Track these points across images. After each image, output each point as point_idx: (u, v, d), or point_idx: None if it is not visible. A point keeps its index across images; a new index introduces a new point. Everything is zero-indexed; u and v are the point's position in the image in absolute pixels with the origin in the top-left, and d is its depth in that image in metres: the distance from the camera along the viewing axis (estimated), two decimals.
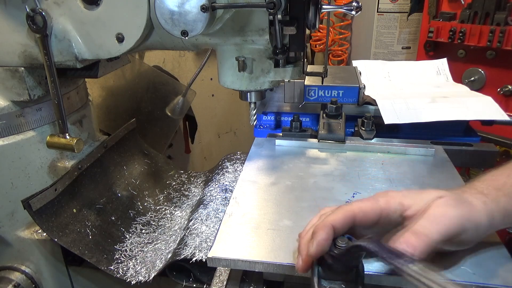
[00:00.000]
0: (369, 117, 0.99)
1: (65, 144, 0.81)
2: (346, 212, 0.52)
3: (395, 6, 2.06)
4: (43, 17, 0.71)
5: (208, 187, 0.97)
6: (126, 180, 1.05)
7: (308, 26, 0.73)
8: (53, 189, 0.81)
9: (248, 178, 0.82)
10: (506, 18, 1.54)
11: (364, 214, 0.52)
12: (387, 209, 0.53)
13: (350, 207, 0.53)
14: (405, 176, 0.81)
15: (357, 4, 0.75)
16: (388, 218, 0.53)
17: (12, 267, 0.88)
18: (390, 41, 2.13)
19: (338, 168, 0.85)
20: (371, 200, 0.54)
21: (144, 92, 1.64)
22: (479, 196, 0.54)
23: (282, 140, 0.96)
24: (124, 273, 0.80)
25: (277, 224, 0.66)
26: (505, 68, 1.65)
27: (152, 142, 1.42)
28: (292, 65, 0.79)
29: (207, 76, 2.22)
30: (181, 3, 0.62)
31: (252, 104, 0.86)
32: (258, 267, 0.58)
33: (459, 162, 0.93)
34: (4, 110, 0.80)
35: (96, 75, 0.88)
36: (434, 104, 1.03)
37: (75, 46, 0.76)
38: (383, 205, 0.53)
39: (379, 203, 0.53)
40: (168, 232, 0.93)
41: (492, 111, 1.00)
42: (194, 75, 1.48)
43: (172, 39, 0.76)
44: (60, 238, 0.79)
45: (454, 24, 1.69)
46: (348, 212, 0.52)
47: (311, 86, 1.08)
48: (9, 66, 0.79)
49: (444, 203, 0.51)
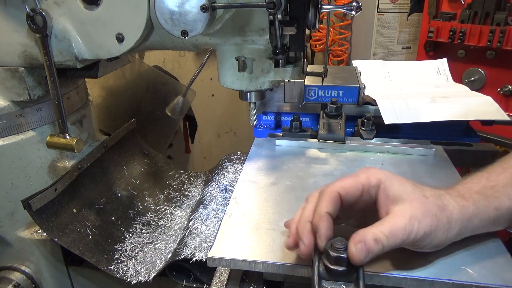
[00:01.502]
0: (369, 117, 0.99)
1: (65, 144, 0.81)
2: (332, 194, 0.54)
3: (395, 6, 2.06)
4: (43, 17, 0.71)
5: (208, 187, 0.97)
6: (126, 180, 1.05)
7: (308, 26, 0.73)
8: (53, 189, 0.81)
9: (248, 178, 0.81)
10: (506, 18, 1.54)
11: (346, 192, 0.54)
12: (368, 184, 0.55)
13: (333, 188, 0.55)
14: (405, 176, 0.80)
15: (357, 4, 0.75)
16: (369, 193, 0.55)
17: (12, 267, 0.88)
18: (390, 41, 2.14)
19: (338, 168, 0.85)
20: (352, 177, 0.56)
21: (144, 92, 1.64)
22: (459, 200, 0.55)
23: (282, 140, 0.96)
24: (124, 273, 0.80)
25: (277, 224, 0.66)
26: (505, 68, 1.65)
27: (152, 142, 1.42)
28: (292, 65, 0.79)
29: (207, 76, 2.22)
30: (181, 3, 0.62)
31: (252, 104, 0.86)
32: (258, 267, 0.58)
33: (459, 162, 0.93)
34: (4, 110, 0.80)
35: (96, 75, 0.88)
36: (434, 104, 1.03)
37: (75, 46, 0.76)
38: (364, 180, 0.55)
39: (359, 179, 0.55)
40: (168, 232, 0.93)
41: (492, 111, 1.00)
42: (194, 75, 1.48)
43: (172, 39, 0.76)
44: (60, 238, 0.79)
45: (454, 24, 1.69)
46: (333, 193, 0.54)
47: (311, 86, 1.08)
48: (9, 66, 0.79)
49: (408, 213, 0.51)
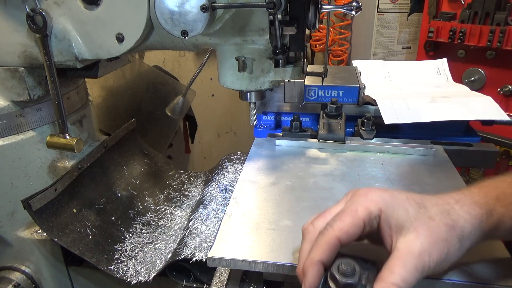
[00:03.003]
0: (369, 117, 0.99)
1: (65, 144, 0.81)
2: (329, 241, 0.48)
3: (395, 6, 2.06)
4: (43, 17, 0.71)
5: (208, 187, 0.97)
6: (126, 180, 1.05)
7: (308, 26, 0.73)
8: (53, 189, 0.81)
9: (248, 178, 0.82)
10: (506, 18, 1.54)
11: (347, 235, 0.48)
12: (368, 217, 0.49)
13: (332, 233, 0.48)
14: (405, 176, 0.81)
15: (357, 4, 0.75)
16: (371, 225, 0.50)
17: (12, 267, 0.88)
18: (390, 41, 2.14)
19: (338, 168, 0.85)
20: (349, 213, 0.50)
21: (144, 92, 1.64)
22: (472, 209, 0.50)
23: (282, 140, 0.96)
24: (124, 273, 0.80)
25: (277, 224, 0.66)
26: (505, 68, 1.65)
27: (152, 142, 1.42)
28: (292, 65, 0.79)
29: (207, 76, 2.22)
30: (181, 3, 0.62)
31: (252, 104, 0.86)
32: (258, 267, 0.58)
33: (459, 162, 0.93)
34: (4, 110, 0.80)
35: (96, 75, 0.88)
36: (434, 104, 1.03)
37: (75, 46, 0.76)
38: (364, 214, 0.49)
39: (359, 214, 0.49)
40: (168, 232, 0.93)
41: (492, 111, 1.00)
42: (194, 75, 1.48)
43: (172, 39, 0.76)
44: (60, 238, 0.79)
45: (454, 24, 1.69)
46: (331, 241, 0.48)
47: (311, 86, 1.08)
48: (9, 66, 0.79)
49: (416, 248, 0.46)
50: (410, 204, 0.50)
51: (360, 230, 0.49)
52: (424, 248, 0.46)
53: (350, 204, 0.51)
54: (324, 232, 0.49)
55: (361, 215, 0.49)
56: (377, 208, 0.49)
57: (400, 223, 0.48)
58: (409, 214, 0.49)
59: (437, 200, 0.51)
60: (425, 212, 0.49)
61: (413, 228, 0.47)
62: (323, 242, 0.48)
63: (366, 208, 0.49)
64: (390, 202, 0.50)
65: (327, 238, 0.48)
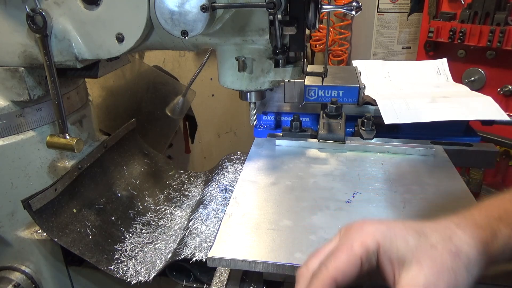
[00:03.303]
0: (369, 117, 0.99)
1: (65, 144, 0.81)
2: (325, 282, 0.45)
3: (395, 6, 2.06)
4: (43, 17, 0.71)
5: (208, 187, 0.97)
6: (126, 180, 1.05)
7: (308, 26, 0.73)
8: (53, 189, 0.81)
9: (248, 178, 0.82)
10: (506, 18, 1.54)
11: (343, 274, 0.45)
12: (365, 253, 0.46)
13: (327, 274, 0.45)
14: (405, 176, 0.81)
15: (357, 4, 0.75)
16: (369, 262, 0.46)
17: (12, 267, 0.88)
18: (390, 41, 2.14)
19: (338, 168, 0.85)
20: (344, 250, 0.46)
21: (144, 92, 1.64)
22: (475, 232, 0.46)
23: (282, 140, 0.96)
24: (124, 273, 0.80)
25: (277, 224, 0.66)
26: (505, 68, 1.65)
27: (152, 142, 1.42)
28: (292, 65, 0.79)
29: (207, 76, 2.22)
30: (181, 3, 0.62)
31: (252, 104, 0.86)
32: (258, 267, 0.58)
33: (459, 162, 0.93)
34: (4, 110, 0.80)
35: (96, 75, 0.88)
36: (434, 104, 1.03)
37: (75, 46, 0.76)
38: (360, 250, 0.46)
39: (355, 251, 0.45)
40: (168, 232, 0.93)
41: (492, 111, 1.00)
42: (194, 75, 1.48)
43: (172, 39, 0.76)
44: (60, 238, 0.79)
45: (454, 24, 1.69)
46: (327, 281, 0.45)
47: (311, 86, 1.08)
48: (9, 66, 0.79)
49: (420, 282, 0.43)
50: (409, 234, 0.46)
51: (358, 268, 0.45)
52: (429, 281, 0.42)
53: (345, 240, 0.48)
54: (318, 274, 0.46)
55: (357, 251, 0.45)
56: (374, 241, 0.46)
57: (401, 255, 0.45)
58: (409, 245, 0.45)
59: (436, 225, 0.48)
60: (426, 240, 0.45)
61: (415, 260, 0.44)
62: (318, 284, 0.45)
63: (362, 243, 0.46)
64: (387, 234, 0.46)
65: (322, 280, 0.45)
